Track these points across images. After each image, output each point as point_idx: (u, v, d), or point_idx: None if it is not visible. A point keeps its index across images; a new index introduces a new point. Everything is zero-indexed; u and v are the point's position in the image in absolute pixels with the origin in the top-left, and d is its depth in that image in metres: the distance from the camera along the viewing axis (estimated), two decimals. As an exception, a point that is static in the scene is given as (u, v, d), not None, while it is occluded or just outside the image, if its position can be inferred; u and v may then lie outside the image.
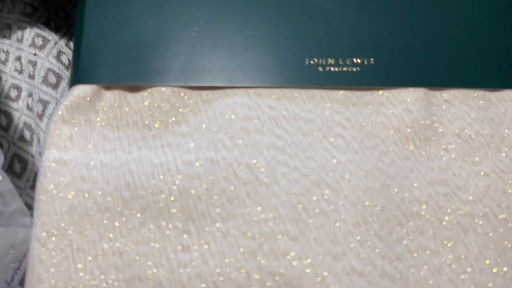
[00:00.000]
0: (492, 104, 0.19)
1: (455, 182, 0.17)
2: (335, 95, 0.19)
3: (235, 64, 0.19)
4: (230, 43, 0.19)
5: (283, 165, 0.17)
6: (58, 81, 0.26)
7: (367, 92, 0.19)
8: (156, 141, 0.18)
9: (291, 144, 0.18)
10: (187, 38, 0.19)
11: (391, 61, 0.19)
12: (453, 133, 0.18)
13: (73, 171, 0.17)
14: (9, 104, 0.27)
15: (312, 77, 0.19)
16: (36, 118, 0.25)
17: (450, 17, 0.19)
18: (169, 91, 0.19)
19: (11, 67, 0.28)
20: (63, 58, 0.27)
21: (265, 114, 0.18)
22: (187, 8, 0.20)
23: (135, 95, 0.19)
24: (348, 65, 0.19)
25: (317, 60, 0.19)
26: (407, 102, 0.18)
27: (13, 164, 0.25)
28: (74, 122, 0.18)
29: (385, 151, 0.18)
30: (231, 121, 0.18)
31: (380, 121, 0.18)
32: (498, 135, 0.18)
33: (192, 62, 0.19)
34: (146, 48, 0.19)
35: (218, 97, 0.19)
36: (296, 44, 0.19)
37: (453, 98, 0.19)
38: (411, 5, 0.20)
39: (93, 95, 0.19)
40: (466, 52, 0.19)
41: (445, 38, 0.19)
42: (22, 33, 0.28)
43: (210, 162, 0.17)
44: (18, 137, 0.26)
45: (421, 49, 0.19)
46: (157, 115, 0.19)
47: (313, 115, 0.18)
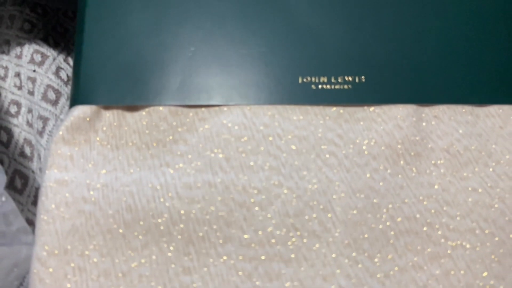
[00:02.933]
0: (480, 120, 0.19)
1: (444, 198, 0.18)
2: (328, 112, 0.19)
3: (230, 82, 0.20)
4: (225, 63, 0.20)
5: (277, 187, 0.18)
6: (58, 97, 0.27)
7: (359, 108, 0.19)
8: (155, 161, 0.19)
9: (285, 164, 0.18)
10: (183, 58, 0.20)
11: (382, 79, 0.20)
12: (442, 148, 0.19)
13: (74, 191, 0.18)
14: (9, 120, 0.27)
15: (305, 95, 0.19)
16: (36, 135, 0.26)
17: (438, 36, 0.20)
18: (167, 110, 0.19)
19: (11, 83, 0.29)
20: (61, 74, 0.28)
21: (260, 133, 0.19)
22: (183, 28, 0.20)
23: (134, 114, 0.20)
24: (340, 82, 0.20)
25: (310, 78, 0.20)
26: (398, 118, 0.19)
27: (14, 180, 0.25)
28: (74, 142, 0.19)
29: (377, 168, 0.18)
30: (227, 142, 0.19)
31: (371, 138, 0.19)
32: (486, 150, 0.19)
33: (189, 82, 0.20)
34: (143, 68, 0.20)
35: (214, 115, 0.19)
36: (289, 63, 0.20)
37: (442, 114, 0.19)
38: (401, 24, 0.20)
39: (93, 115, 0.19)
40: (454, 69, 0.20)
41: (433, 56, 0.20)
42: (21, 49, 0.29)
43: (208, 185, 0.18)
44: (18, 153, 0.26)
45: (410, 67, 0.20)
46: (155, 134, 0.19)
47: (306, 132, 0.19)
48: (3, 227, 0.17)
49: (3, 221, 0.17)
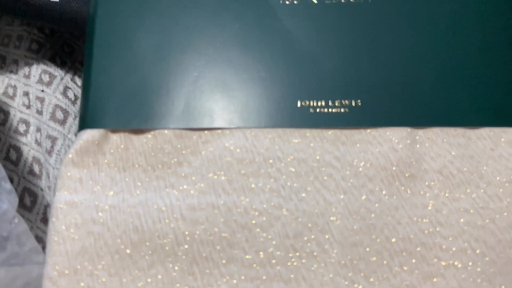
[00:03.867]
0: (471, 142, 0.20)
1: (437, 218, 0.18)
2: (326, 135, 0.20)
3: (232, 106, 0.20)
4: (227, 87, 0.21)
5: (277, 208, 0.19)
6: (65, 117, 0.27)
7: (355, 131, 0.20)
8: (160, 182, 0.19)
9: (285, 186, 0.19)
10: (187, 83, 0.21)
11: (377, 102, 0.20)
12: (435, 170, 0.19)
13: (84, 213, 0.19)
14: (18, 139, 0.28)
15: (304, 119, 0.20)
16: (45, 154, 0.27)
17: (431, 61, 0.21)
18: (171, 133, 0.20)
19: (19, 102, 0.29)
20: (69, 93, 0.29)
21: (261, 155, 0.20)
22: (187, 55, 0.21)
23: (140, 137, 0.20)
24: (337, 106, 0.20)
25: (309, 102, 0.20)
26: (393, 141, 0.20)
27: (23, 198, 0.26)
28: (83, 165, 0.20)
29: (372, 190, 0.19)
30: (230, 164, 0.19)
31: (368, 160, 0.20)
32: (477, 172, 0.19)
33: (192, 106, 0.21)
34: (149, 93, 0.21)
35: (217, 138, 0.20)
36: (288, 87, 0.21)
37: (435, 136, 0.20)
38: (396, 50, 0.21)
39: (101, 138, 0.20)
40: (446, 93, 0.20)
41: (426, 80, 0.21)
42: (29, 70, 0.30)
43: (211, 207, 0.19)
44: (27, 171, 0.27)
45: (404, 91, 0.20)
46: (160, 156, 0.20)
47: (305, 155, 0.20)
48: (16, 248, 0.18)
49: (16, 242, 0.18)
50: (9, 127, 0.29)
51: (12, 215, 0.18)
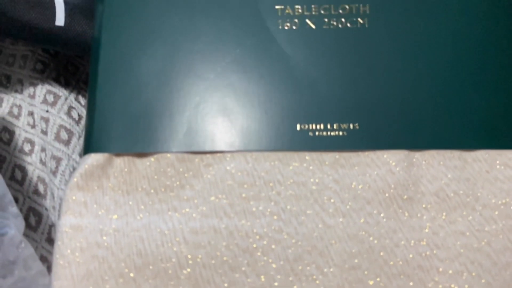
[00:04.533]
0: (467, 164, 0.20)
1: (434, 241, 0.19)
2: (325, 158, 0.21)
3: (233, 130, 0.21)
4: (228, 111, 0.21)
5: (278, 232, 0.19)
6: (70, 137, 0.28)
7: (353, 154, 0.21)
8: (163, 206, 0.20)
9: (285, 209, 0.20)
10: (189, 108, 0.21)
11: (375, 125, 0.21)
12: (432, 192, 0.20)
13: (88, 237, 0.19)
14: (23, 158, 0.29)
15: (303, 142, 0.21)
16: (49, 174, 0.27)
17: (427, 86, 0.21)
18: (174, 157, 0.21)
19: (24, 121, 0.30)
20: (73, 113, 0.29)
21: (261, 179, 0.20)
22: (189, 79, 0.22)
23: (143, 160, 0.21)
24: (335, 129, 0.21)
25: (308, 126, 0.21)
26: (390, 164, 0.20)
27: (28, 218, 0.27)
28: (88, 189, 0.20)
29: (371, 213, 0.19)
30: (231, 188, 0.20)
31: (366, 183, 0.20)
32: (473, 195, 0.20)
33: (194, 130, 0.21)
34: (152, 117, 0.21)
35: (218, 161, 0.21)
36: (288, 111, 0.21)
37: (432, 159, 0.20)
38: (392, 75, 0.21)
39: (105, 162, 0.21)
40: (442, 116, 0.21)
41: (422, 104, 0.21)
42: (34, 90, 0.30)
43: (213, 231, 0.19)
44: (32, 191, 0.27)
45: (401, 115, 0.21)
46: (163, 180, 0.21)
47: (305, 178, 0.20)
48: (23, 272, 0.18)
49: (23, 266, 0.18)
50: (14, 146, 0.29)
51: (19, 240, 0.19)
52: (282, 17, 0.22)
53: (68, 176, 0.26)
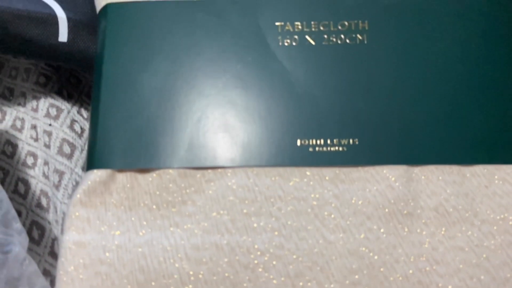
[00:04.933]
0: (466, 179, 0.21)
1: (434, 257, 0.19)
2: (325, 173, 0.21)
3: (234, 145, 0.21)
4: (229, 127, 0.22)
5: (279, 248, 0.19)
6: (72, 151, 0.28)
7: (353, 169, 0.21)
8: (165, 221, 0.20)
9: (286, 225, 0.20)
10: (191, 124, 0.22)
11: (374, 141, 0.21)
12: (431, 208, 0.20)
13: (91, 253, 0.19)
14: (26, 172, 0.29)
15: (304, 157, 0.21)
16: (52, 187, 0.27)
17: (426, 101, 0.21)
18: (175, 173, 0.21)
19: (27, 134, 0.30)
20: (76, 126, 0.30)
21: (262, 194, 0.20)
22: (190, 96, 0.22)
23: (145, 176, 0.21)
24: (335, 145, 0.21)
25: (308, 141, 0.21)
26: (390, 179, 0.21)
27: (31, 231, 0.27)
28: (91, 205, 0.21)
29: (371, 228, 0.20)
30: (232, 204, 0.20)
31: (366, 198, 0.20)
32: (472, 210, 0.20)
33: (196, 145, 0.21)
34: (154, 133, 0.21)
35: (220, 177, 0.21)
36: (288, 126, 0.21)
37: (431, 174, 0.21)
38: (391, 90, 0.22)
39: (108, 178, 0.21)
40: (441, 131, 0.21)
41: (421, 119, 0.21)
42: (37, 103, 0.30)
43: (215, 247, 0.19)
44: (35, 204, 0.28)
45: (400, 129, 0.21)
46: (165, 196, 0.21)
47: (305, 194, 0.20)
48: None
49: (27, 283, 0.18)
50: (18, 160, 0.30)
51: (23, 256, 0.19)
52: (282, 34, 0.23)
53: (70, 190, 0.27)
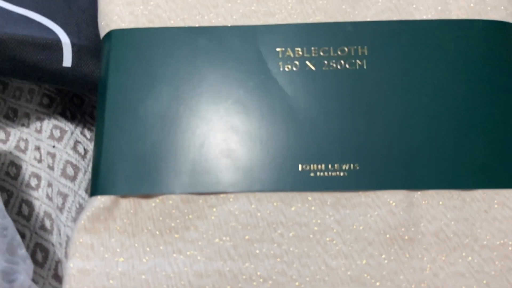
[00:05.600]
0: (466, 204, 0.21)
1: (435, 283, 0.19)
2: (327, 198, 0.21)
3: (236, 171, 0.21)
4: (231, 152, 0.22)
5: (281, 275, 0.19)
6: (76, 173, 0.29)
7: (354, 194, 0.21)
8: (168, 248, 0.20)
9: (288, 251, 0.20)
10: (193, 149, 0.22)
11: (375, 166, 0.21)
12: (432, 233, 0.20)
13: (95, 280, 0.19)
14: (30, 193, 0.29)
15: (305, 183, 0.21)
16: (56, 210, 0.27)
17: (426, 127, 0.22)
18: (178, 199, 0.21)
19: (31, 155, 0.31)
20: (79, 148, 0.30)
21: (265, 220, 0.21)
22: (192, 121, 0.22)
23: (148, 201, 0.21)
24: (336, 170, 0.21)
25: (309, 166, 0.21)
26: (390, 204, 0.21)
27: (35, 253, 0.27)
28: (95, 231, 0.21)
29: (372, 254, 0.20)
30: (235, 230, 0.20)
31: (367, 223, 0.20)
32: (472, 235, 0.20)
33: (198, 171, 0.22)
34: (157, 159, 0.22)
35: (222, 202, 0.21)
36: (289, 152, 0.22)
37: (432, 199, 0.21)
38: (391, 116, 0.22)
39: (111, 204, 0.21)
40: (441, 156, 0.21)
41: (421, 145, 0.22)
42: (41, 125, 0.31)
43: (217, 274, 0.19)
44: (39, 226, 0.28)
45: (400, 154, 0.21)
46: (168, 221, 0.21)
47: (307, 219, 0.21)
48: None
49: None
50: (21, 181, 0.30)
51: (28, 285, 0.19)
52: (283, 59, 0.23)
53: (74, 213, 0.27)
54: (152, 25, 0.24)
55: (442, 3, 0.24)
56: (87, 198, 0.28)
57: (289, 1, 0.24)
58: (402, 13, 0.24)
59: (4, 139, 0.31)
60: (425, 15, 0.23)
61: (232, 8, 0.24)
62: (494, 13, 0.23)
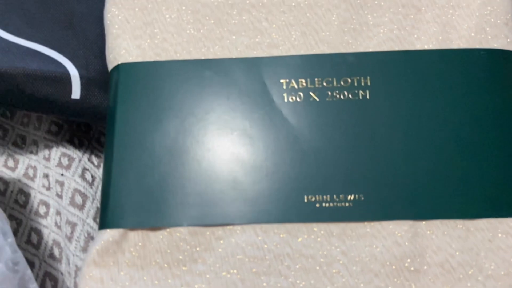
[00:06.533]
0: (470, 233, 0.21)
1: (441, 315, 0.19)
2: (332, 229, 0.21)
3: (242, 203, 0.22)
4: (237, 184, 0.22)
5: (288, 310, 0.20)
6: (84, 201, 0.29)
7: (360, 224, 0.21)
8: (176, 281, 0.21)
9: (295, 284, 0.20)
10: (200, 181, 0.22)
11: (379, 196, 0.22)
12: (437, 264, 0.20)
13: (106, 315, 0.20)
14: (39, 221, 0.30)
15: (311, 214, 0.22)
16: (65, 238, 0.28)
17: (429, 158, 0.22)
18: (186, 231, 0.22)
19: (39, 183, 0.31)
20: (87, 175, 0.30)
21: (271, 252, 0.21)
22: (199, 154, 0.23)
23: (156, 233, 0.22)
24: (341, 200, 0.22)
25: (314, 198, 0.22)
26: (396, 235, 0.21)
27: (45, 283, 0.27)
28: (104, 264, 0.21)
29: (379, 286, 0.20)
30: (242, 262, 0.21)
31: (373, 255, 0.21)
32: (477, 265, 0.20)
33: (205, 203, 0.22)
34: (164, 192, 0.22)
35: (229, 234, 0.21)
36: (295, 183, 0.22)
37: (436, 229, 0.21)
38: (395, 147, 0.22)
39: (120, 237, 0.22)
40: (445, 186, 0.22)
41: (425, 176, 0.22)
42: (49, 152, 0.31)
43: None
44: (48, 255, 0.28)
45: (405, 185, 0.22)
46: (176, 254, 0.21)
47: (313, 251, 0.21)
48: None
49: None
50: (30, 209, 0.30)
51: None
52: (287, 91, 0.24)
53: (83, 242, 0.27)
54: (158, 58, 0.24)
55: (443, 32, 0.24)
56: (95, 226, 0.28)
57: (293, 32, 0.25)
58: (404, 43, 0.24)
59: (13, 167, 0.31)
60: (426, 45, 0.24)
61: (236, 40, 0.24)
62: (495, 42, 0.24)
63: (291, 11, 0.25)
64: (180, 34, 0.25)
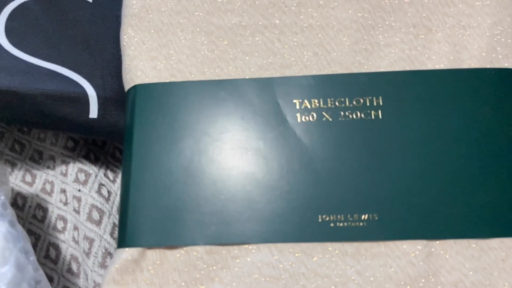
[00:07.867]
0: (484, 253, 0.21)
1: (455, 336, 0.20)
2: (347, 248, 0.22)
3: (257, 222, 0.22)
4: (253, 204, 0.23)
5: (305, 331, 0.20)
6: (101, 217, 0.30)
7: (374, 244, 0.22)
8: (194, 300, 0.21)
9: (310, 304, 0.21)
10: (215, 201, 0.23)
11: (393, 216, 0.22)
12: (451, 283, 0.21)
13: (126, 334, 0.20)
14: (57, 236, 0.30)
15: (325, 233, 0.22)
16: (82, 254, 0.28)
17: (442, 176, 0.22)
18: (203, 250, 0.22)
19: (57, 198, 0.32)
20: (103, 191, 0.31)
21: (287, 272, 0.21)
22: (215, 174, 0.23)
23: (173, 252, 0.22)
24: (355, 220, 0.22)
25: (329, 217, 0.22)
26: (410, 254, 0.21)
27: (63, 298, 0.28)
28: (123, 283, 0.22)
29: (393, 306, 0.20)
30: (258, 281, 0.21)
31: (387, 274, 0.21)
32: (490, 285, 0.21)
33: (221, 222, 0.22)
34: (181, 211, 0.23)
35: (245, 253, 0.22)
36: (309, 202, 0.22)
37: (450, 249, 0.21)
38: (407, 164, 0.23)
39: (138, 256, 0.22)
40: (458, 206, 0.22)
41: (438, 195, 0.22)
42: (66, 168, 0.32)
43: None
44: (66, 270, 0.29)
45: (418, 204, 0.22)
46: (193, 272, 0.22)
47: (328, 270, 0.21)
48: None
49: None
50: (48, 224, 0.31)
51: None
52: (300, 111, 0.24)
53: (101, 258, 0.28)
54: (174, 79, 0.25)
55: (454, 52, 0.24)
56: (112, 242, 0.29)
57: (305, 53, 0.25)
58: (415, 63, 0.24)
59: (31, 182, 0.32)
60: (437, 65, 0.24)
61: (250, 61, 0.25)
62: (506, 61, 0.24)
63: (303, 32, 0.25)
64: (194, 55, 0.25)
